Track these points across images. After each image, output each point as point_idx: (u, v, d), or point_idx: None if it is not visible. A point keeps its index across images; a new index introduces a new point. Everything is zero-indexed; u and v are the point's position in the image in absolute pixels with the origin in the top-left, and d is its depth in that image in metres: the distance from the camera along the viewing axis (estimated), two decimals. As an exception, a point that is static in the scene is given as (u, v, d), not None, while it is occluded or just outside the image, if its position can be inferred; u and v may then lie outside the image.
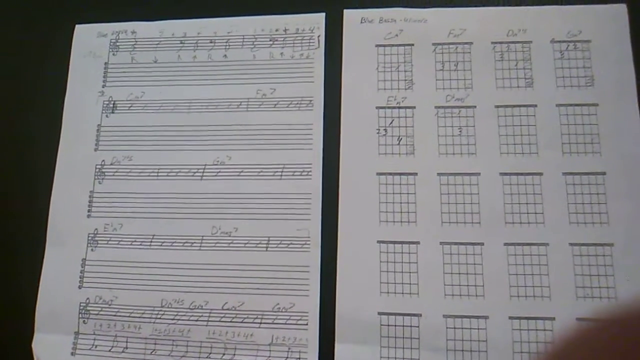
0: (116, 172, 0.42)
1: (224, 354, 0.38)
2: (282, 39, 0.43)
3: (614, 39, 0.40)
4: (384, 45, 0.42)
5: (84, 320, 0.40)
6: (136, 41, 0.45)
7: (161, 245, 0.40)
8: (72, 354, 0.39)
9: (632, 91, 0.39)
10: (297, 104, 0.42)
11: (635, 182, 0.38)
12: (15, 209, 0.43)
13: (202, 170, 0.41)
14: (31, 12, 0.47)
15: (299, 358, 0.37)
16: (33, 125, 0.44)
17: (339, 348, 0.37)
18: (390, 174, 0.40)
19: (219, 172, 0.41)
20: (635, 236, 0.37)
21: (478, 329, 0.37)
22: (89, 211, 0.42)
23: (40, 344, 0.40)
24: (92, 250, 0.41)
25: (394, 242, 0.39)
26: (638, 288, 0.36)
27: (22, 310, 0.40)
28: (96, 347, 0.39)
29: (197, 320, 0.39)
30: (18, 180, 0.43)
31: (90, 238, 0.41)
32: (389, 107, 0.41)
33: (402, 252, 0.38)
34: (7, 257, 0.42)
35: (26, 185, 0.43)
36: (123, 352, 0.39)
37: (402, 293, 0.38)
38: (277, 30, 0.44)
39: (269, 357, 0.38)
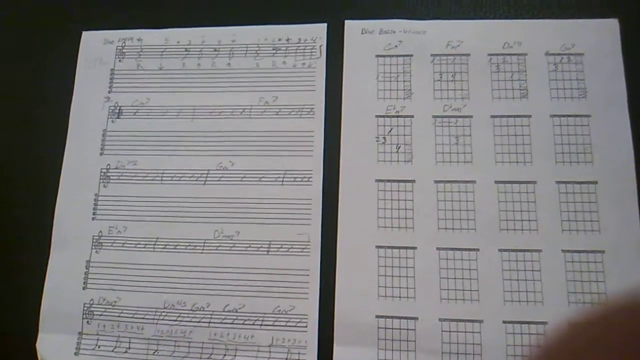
0: (121, 176, 0.43)
1: (225, 355, 0.39)
2: (285, 48, 0.45)
3: (606, 53, 0.42)
4: (384, 56, 0.43)
5: (87, 321, 0.41)
6: (142, 48, 0.46)
7: (164, 248, 0.41)
8: (76, 353, 0.40)
9: (623, 103, 0.40)
10: (299, 111, 0.43)
11: (626, 191, 0.39)
12: (21, 211, 0.44)
13: (205, 175, 0.42)
14: (39, 19, 0.48)
15: (298, 359, 0.38)
16: (40, 129, 0.45)
17: (337, 350, 0.38)
18: (388, 180, 0.41)
19: (222, 177, 0.42)
20: (625, 244, 0.38)
21: (473, 332, 0.38)
22: (93, 214, 0.43)
23: (45, 343, 0.40)
24: (96, 252, 0.42)
25: (392, 247, 0.40)
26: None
27: (26, 310, 0.41)
28: (99, 347, 0.40)
29: (199, 322, 0.40)
30: (25, 182, 0.44)
31: (94, 240, 0.42)
32: (388, 116, 0.42)
33: (399, 257, 0.39)
34: (13, 257, 0.43)
35: (32, 188, 0.44)
36: (126, 352, 0.40)
37: (399, 297, 0.39)
38: (280, 39, 0.45)
39: (269, 358, 0.38)
